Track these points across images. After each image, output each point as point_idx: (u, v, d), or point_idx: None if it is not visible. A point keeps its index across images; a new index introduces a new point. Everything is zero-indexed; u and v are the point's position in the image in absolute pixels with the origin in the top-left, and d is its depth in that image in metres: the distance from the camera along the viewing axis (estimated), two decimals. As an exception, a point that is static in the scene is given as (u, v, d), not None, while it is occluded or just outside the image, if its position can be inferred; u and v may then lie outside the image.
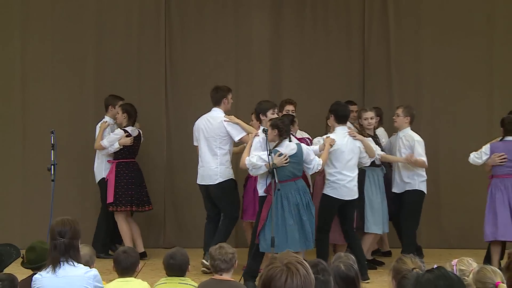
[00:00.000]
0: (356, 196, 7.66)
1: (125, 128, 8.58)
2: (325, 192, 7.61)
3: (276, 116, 7.57)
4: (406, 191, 8.11)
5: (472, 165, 8.21)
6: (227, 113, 8.13)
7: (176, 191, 9.60)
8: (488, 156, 7.83)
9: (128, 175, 8.62)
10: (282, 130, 7.13)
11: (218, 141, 8.04)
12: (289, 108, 8.43)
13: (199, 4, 9.73)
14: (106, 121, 8.70)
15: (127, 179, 8.58)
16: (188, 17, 9.74)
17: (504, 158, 7.77)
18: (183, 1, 9.74)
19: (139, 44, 9.64)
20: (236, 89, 9.43)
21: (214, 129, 8.04)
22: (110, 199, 8.47)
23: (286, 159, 7.04)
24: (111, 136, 8.50)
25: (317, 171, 7.47)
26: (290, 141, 7.24)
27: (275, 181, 6.69)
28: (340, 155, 7.51)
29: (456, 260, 5.17)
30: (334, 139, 7.42)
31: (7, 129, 9.48)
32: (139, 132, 8.73)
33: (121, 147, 8.49)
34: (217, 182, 8.03)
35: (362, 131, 8.11)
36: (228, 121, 7.92)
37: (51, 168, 7.52)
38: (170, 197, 9.64)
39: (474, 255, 5.86)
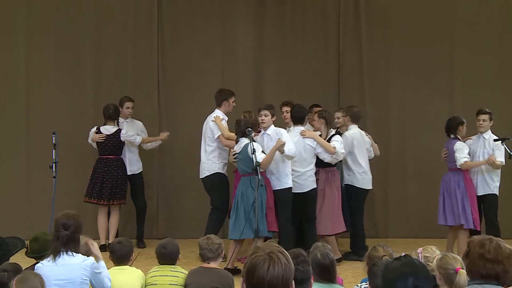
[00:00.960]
0: (305, 190, 7.68)
1: (100, 126, 8.63)
2: None
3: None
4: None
5: (436, 162, 8.28)
6: (228, 115, 8.21)
7: (167, 186, 9.59)
8: None
9: (104, 170, 8.58)
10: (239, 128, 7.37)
11: (207, 138, 8.12)
12: (285, 109, 8.51)
13: (188, 16, 9.72)
14: None
15: (103, 174, 8.55)
16: (178, 27, 9.74)
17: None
18: (174, 12, 9.72)
19: (134, 52, 9.63)
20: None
21: (207, 127, 8.13)
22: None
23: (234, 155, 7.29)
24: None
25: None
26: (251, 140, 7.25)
27: (259, 177, 6.69)
28: None
29: (421, 248, 5.23)
30: (283, 141, 7.29)
31: (12, 129, 9.44)
32: (116, 130, 8.63)
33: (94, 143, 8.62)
34: (204, 175, 8.11)
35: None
36: (213, 121, 7.99)
37: (52, 166, 7.51)
38: (162, 192, 9.64)
39: (437, 243, 5.93)
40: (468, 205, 7.91)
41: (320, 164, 7.82)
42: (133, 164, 8.86)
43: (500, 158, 7.82)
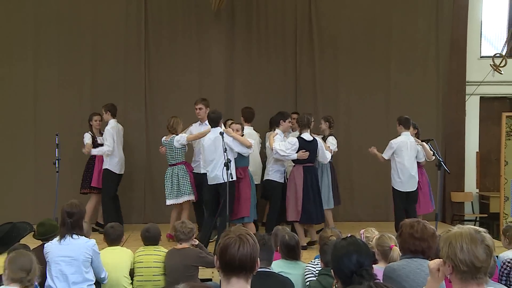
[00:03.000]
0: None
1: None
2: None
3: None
4: None
5: (375, 158, 8.37)
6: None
7: (153, 179, 9.50)
8: None
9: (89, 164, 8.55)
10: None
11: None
12: (294, 116, 8.48)
13: (170, 39, 9.68)
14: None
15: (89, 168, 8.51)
16: (162, 48, 9.68)
17: None
18: (158, 36, 9.66)
19: (124, 68, 9.55)
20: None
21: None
22: None
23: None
24: None
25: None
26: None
27: (230, 172, 6.45)
28: None
29: (363, 230, 5.31)
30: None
31: (22, 132, 9.36)
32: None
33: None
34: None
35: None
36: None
37: (55, 163, 7.42)
38: (149, 184, 9.57)
39: (377, 226, 6.02)
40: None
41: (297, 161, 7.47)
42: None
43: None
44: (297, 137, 7.43)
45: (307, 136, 7.42)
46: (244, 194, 7.06)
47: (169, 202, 7.67)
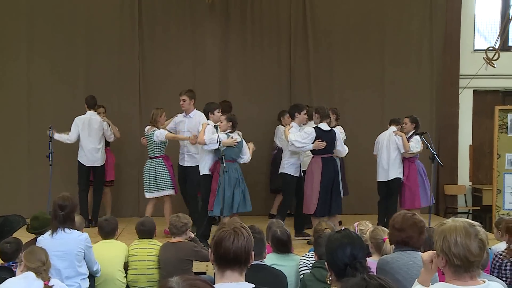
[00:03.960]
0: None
1: None
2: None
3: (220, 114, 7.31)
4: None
5: (370, 152, 8.40)
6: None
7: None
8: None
9: None
10: (235, 123, 7.08)
11: None
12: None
13: (165, 30, 9.64)
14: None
15: None
16: (156, 40, 9.64)
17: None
18: (152, 27, 9.61)
19: (118, 60, 9.50)
20: (194, 93, 9.51)
21: None
22: None
23: (235, 142, 6.94)
24: None
25: (246, 162, 7.25)
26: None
27: (224, 165, 6.52)
28: None
29: (357, 222, 5.32)
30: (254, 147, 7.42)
31: (16, 125, 9.30)
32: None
33: None
34: None
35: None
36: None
37: (49, 156, 7.40)
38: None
39: (370, 218, 6.03)
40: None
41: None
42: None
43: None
44: (314, 127, 7.34)
45: (324, 126, 7.33)
46: (212, 189, 6.98)
47: (148, 195, 7.62)
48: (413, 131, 8.00)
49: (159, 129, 7.53)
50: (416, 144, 7.92)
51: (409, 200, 7.94)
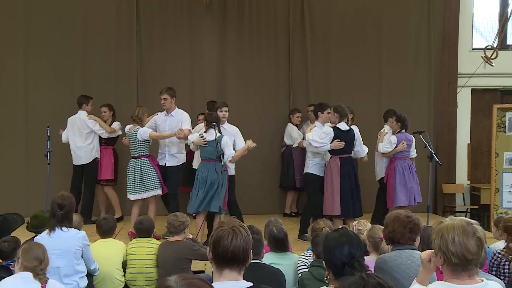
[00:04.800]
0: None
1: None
2: None
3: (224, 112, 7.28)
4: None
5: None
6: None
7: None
8: (396, 144, 7.79)
9: None
10: (209, 122, 6.84)
11: None
12: (310, 108, 8.93)
13: (162, 29, 9.61)
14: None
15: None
16: (153, 39, 9.62)
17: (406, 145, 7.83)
18: (150, 27, 9.60)
19: (116, 59, 9.47)
20: (191, 92, 9.50)
21: None
22: None
23: (203, 141, 6.78)
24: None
25: (228, 160, 6.90)
26: (219, 132, 6.84)
27: (222, 164, 6.48)
28: None
29: (356, 222, 5.33)
30: (253, 143, 7.01)
31: (13, 123, 9.27)
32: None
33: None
34: None
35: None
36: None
37: (47, 154, 7.38)
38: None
39: (369, 218, 6.04)
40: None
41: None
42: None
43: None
44: (333, 127, 7.27)
45: (343, 126, 7.24)
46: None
47: (132, 197, 7.29)
48: (399, 130, 7.94)
49: (142, 127, 7.31)
50: (386, 145, 7.86)
51: (389, 200, 7.86)
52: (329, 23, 9.97)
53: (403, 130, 7.94)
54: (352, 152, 7.45)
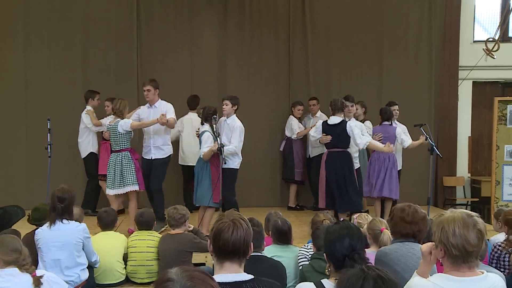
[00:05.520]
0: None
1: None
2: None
3: None
4: None
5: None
6: None
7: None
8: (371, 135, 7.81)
9: None
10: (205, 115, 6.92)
11: None
12: (312, 102, 9.15)
13: (162, 22, 9.59)
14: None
15: None
16: (154, 32, 9.59)
17: (382, 138, 7.82)
18: (150, 20, 9.58)
19: (116, 53, 9.46)
20: (192, 85, 9.48)
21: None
22: None
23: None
24: None
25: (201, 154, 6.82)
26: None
27: (223, 156, 6.46)
28: None
29: (357, 215, 5.34)
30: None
31: (14, 117, 9.27)
32: None
33: None
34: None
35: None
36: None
37: (47, 148, 7.39)
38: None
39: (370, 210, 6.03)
40: (397, 179, 8.02)
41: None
42: None
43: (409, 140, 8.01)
44: (323, 122, 7.49)
45: (332, 119, 7.38)
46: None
47: (112, 192, 7.05)
48: (380, 122, 8.06)
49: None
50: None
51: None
52: (330, 16, 9.94)
53: (385, 123, 8.00)
54: (349, 145, 7.39)
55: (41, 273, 3.70)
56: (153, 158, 7.33)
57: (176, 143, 8.69)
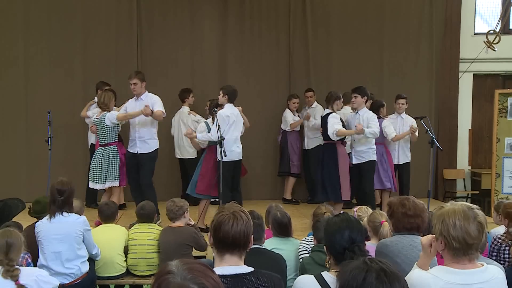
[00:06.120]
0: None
1: None
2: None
3: None
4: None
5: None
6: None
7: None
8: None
9: None
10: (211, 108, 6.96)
11: None
12: (308, 94, 9.17)
13: (162, 15, 9.57)
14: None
15: None
16: (154, 24, 9.58)
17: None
18: (150, 12, 9.56)
19: (116, 45, 9.45)
20: (192, 78, 9.46)
21: None
22: None
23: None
24: None
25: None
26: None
27: (223, 149, 6.35)
28: None
29: (357, 208, 5.35)
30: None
31: (14, 110, 9.27)
32: None
33: None
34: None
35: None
36: None
37: (48, 140, 7.38)
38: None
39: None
40: (391, 172, 8.05)
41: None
42: None
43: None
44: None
45: (325, 112, 7.69)
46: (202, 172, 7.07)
47: (93, 186, 7.10)
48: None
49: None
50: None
51: None
52: (331, 7, 9.92)
53: None
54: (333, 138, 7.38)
55: (31, 273, 3.54)
56: (138, 152, 7.13)
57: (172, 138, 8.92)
